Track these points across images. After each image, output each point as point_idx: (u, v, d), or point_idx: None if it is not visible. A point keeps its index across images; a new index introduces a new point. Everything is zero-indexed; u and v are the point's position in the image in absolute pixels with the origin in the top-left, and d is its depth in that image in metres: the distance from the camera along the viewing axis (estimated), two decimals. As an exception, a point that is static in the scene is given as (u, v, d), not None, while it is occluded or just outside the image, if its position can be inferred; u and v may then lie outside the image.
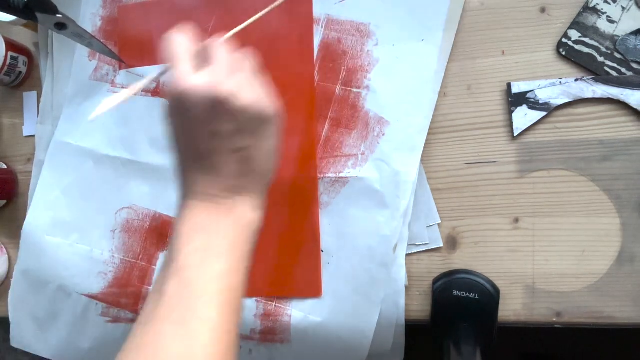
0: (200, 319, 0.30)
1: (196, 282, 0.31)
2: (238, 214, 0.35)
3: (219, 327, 0.31)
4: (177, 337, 0.29)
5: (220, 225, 0.34)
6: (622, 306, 0.46)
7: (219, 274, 0.32)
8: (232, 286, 0.33)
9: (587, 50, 0.47)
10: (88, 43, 0.51)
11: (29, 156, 0.61)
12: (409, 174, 0.48)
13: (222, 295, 0.32)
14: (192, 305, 0.30)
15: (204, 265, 0.32)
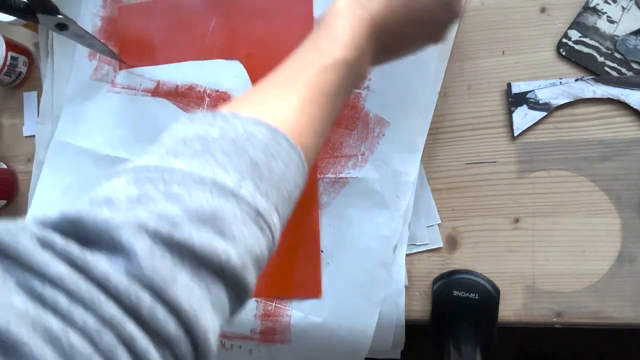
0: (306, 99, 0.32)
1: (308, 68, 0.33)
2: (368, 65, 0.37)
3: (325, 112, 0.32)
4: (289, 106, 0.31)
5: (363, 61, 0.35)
6: (622, 306, 0.46)
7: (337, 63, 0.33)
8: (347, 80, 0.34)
9: (587, 50, 0.47)
10: (89, 43, 0.51)
11: (29, 156, 0.61)
12: (408, 175, 0.48)
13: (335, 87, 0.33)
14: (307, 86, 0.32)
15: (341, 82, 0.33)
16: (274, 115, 0.30)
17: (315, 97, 0.32)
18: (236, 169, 0.26)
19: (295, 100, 0.31)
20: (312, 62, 0.33)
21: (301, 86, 0.32)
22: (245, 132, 0.27)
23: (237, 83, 0.53)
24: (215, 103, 0.53)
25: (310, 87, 0.32)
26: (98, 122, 0.57)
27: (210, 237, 0.23)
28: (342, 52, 0.33)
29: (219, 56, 0.54)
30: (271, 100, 0.31)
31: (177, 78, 0.55)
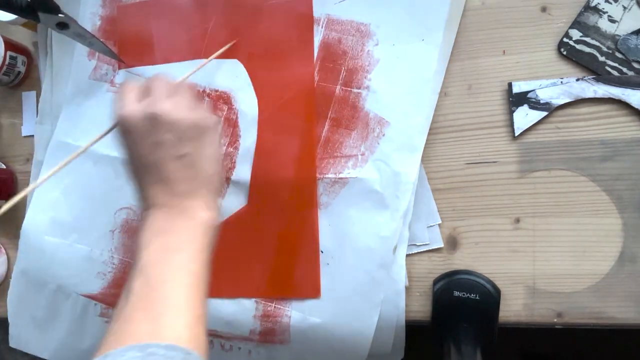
0: (165, 300, 0.33)
1: (159, 274, 0.34)
2: (191, 214, 0.38)
3: (184, 305, 0.34)
4: (145, 319, 0.32)
5: (176, 226, 0.38)
6: (623, 307, 0.46)
7: (179, 264, 0.35)
8: (193, 272, 0.36)
9: (588, 49, 0.47)
10: (89, 43, 0.51)
11: (27, 156, 0.61)
12: (409, 175, 0.48)
13: (185, 279, 0.35)
14: (158, 293, 0.33)
15: (165, 260, 0.35)
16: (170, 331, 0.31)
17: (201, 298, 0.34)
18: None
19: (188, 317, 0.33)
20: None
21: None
22: None
23: (237, 83, 0.53)
24: (215, 103, 0.53)
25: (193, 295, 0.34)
26: (97, 121, 0.56)
27: None
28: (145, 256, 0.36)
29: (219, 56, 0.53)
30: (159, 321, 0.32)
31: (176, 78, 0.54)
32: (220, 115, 0.53)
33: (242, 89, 0.53)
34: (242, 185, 0.52)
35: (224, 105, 0.53)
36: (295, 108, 0.51)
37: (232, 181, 0.52)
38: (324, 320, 0.50)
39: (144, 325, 0.31)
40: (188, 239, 0.37)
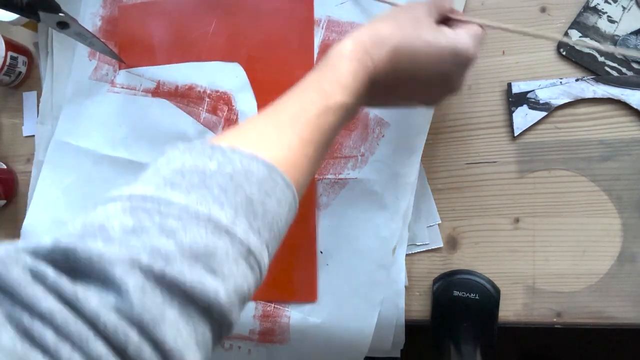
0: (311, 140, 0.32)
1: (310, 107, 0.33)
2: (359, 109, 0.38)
3: (321, 152, 0.33)
4: (286, 143, 0.31)
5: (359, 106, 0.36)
6: (622, 306, 0.46)
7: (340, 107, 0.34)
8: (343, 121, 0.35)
9: (587, 50, 0.47)
10: (89, 42, 0.51)
11: (28, 156, 0.61)
12: (408, 176, 0.48)
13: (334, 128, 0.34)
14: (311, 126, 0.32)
15: (339, 125, 0.34)
16: (272, 152, 0.30)
17: (313, 138, 0.32)
18: (231, 206, 0.26)
19: (295, 140, 0.31)
20: (315, 103, 0.33)
21: (302, 126, 0.32)
22: (242, 168, 0.28)
23: (237, 83, 0.53)
24: (215, 103, 0.53)
25: (310, 128, 0.32)
26: (98, 122, 0.57)
27: (201, 274, 0.24)
28: (344, 96, 0.34)
29: (219, 58, 0.54)
30: (271, 136, 0.31)
31: (177, 78, 0.54)
32: (221, 116, 0.53)
33: (242, 90, 0.53)
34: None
35: (224, 106, 0.53)
36: None
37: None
38: (323, 320, 0.50)
39: (278, 149, 0.31)
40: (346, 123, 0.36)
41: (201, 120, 0.54)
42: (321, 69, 0.35)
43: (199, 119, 0.54)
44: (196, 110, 0.54)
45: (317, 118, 0.32)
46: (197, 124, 0.54)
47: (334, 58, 0.35)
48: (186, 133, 0.54)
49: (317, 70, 0.35)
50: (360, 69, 0.35)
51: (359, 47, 0.35)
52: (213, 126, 0.53)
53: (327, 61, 0.35)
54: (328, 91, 0.34)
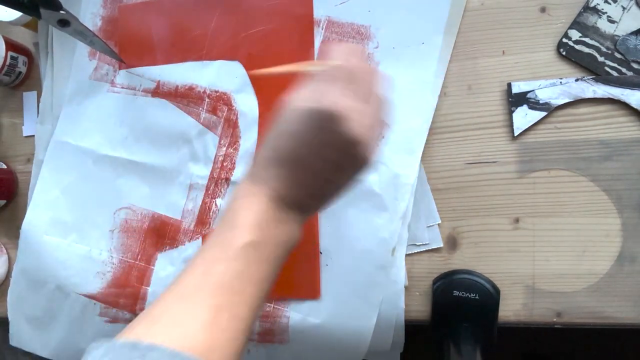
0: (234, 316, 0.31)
1: (243, 279, 0.32)
2: (291, 228, 0.35)
3: (245, 326, 0.32)
4: (209, 327, 0.30)
5: (279, 232, 0.34)
6: (622, 306, 0.46)
7: (262, 278, 0.33)
8: (265, 292, 0.34)
9: (587, 50, 0.47)
10: (90, 41, 0.51)
11: (28, 156, 0.61)
12: (408, 177, 0.48)
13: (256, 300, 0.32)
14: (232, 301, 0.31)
15: (254, 266, 0.33)
16: (183, 339, 0.29)
17: (226, 300, 0.31)
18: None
19: (205, 313, 0.30)
20: (217, 259, 0.32)
21: (208, 293, 0.31)
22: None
23: (237, 84, 0.53)
24: (215, 104, 0.53)
25: (218, 291, 0.31)
26: (97, 122, 0.57)
27: None
28: (242, 237, 0.32)
29: (219, 57, 0.54)
30: (180, 318, 0.30)
31: (177, 78, 0.54)
32: (220, 116, 0.53)
33: (242, 90, 0.53)
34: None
35: (224, 106, 0.53)
36: None
37: (232, 182, 0.52)
38: (322, 320, 0.50)
39: (203, 333, 0.29)
40: (279, 254, 0.34)
41: (201, 120, 0.54)
42: (221, 222, 0.34)
43: (199, 119, 0.54)
44: (196, 111, 0.54)
45: (223, 274, 0.31)
46: (197, 124, 0.54)
47: (231, 203, 0.35)
48: (186, 133, 0.54)
49: (218, 225, 0.34)
50: (255, 199, 0.34)
51: (245, 181, 0.35)
52: (213, 126, 0.53)
53: (227, 209, 0.35)
54: (225, 240, 0.32)
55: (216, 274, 0.31)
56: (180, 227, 0.54)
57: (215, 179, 0.53)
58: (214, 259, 0.32)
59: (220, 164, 0.53)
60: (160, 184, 0.55)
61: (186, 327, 0.29)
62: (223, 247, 0.33)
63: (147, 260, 0.55)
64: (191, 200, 0.54)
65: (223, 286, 0.31)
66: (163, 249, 0.54)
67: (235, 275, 0.32)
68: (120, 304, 0.55)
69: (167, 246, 0.54)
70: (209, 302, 0.30)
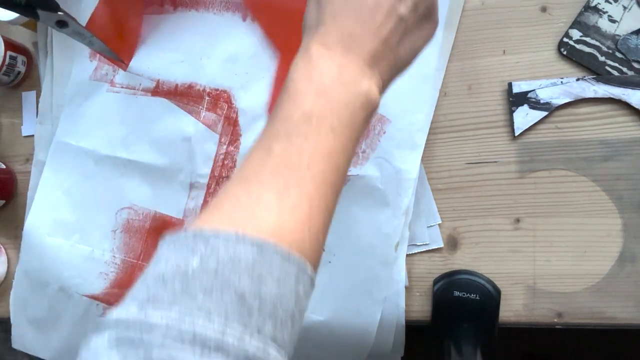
0: (301, 192, 0.28)
1: (305, 154, 0.29)
2: (364, 88, 0.32)
3: (318, 204, 0.29)
4: (275, 206, 0.28)
5: (341, 94, 0.31)
6: (623, 307, 0.46)
7: (330, 151, 0.30)
8: (338, 166, 0.30)
9: (588, 49, 0.47)
10: (88, 42, 0.51)
11: (27, 156, 0.61)
12: (410, 172, 0.48)
13: (327, 175, 0.30)
14: (297, 177, 0.28)
15: (317, 137, 0.30)
16: (248, 221, 0.27)
17: (290, 178, 0.28)
18: (220, 311, 0.23)
19: (269, 193, 0.28)
20: (276, 134, 0.30)
21: (270, 172, 0.28)
22: (228, 257, 0.25)
23: (237, 81, 0.53)
24: (215, 102, 0.53)
25: (280, 168, 0.29)
26: (98, 122, 0.56)
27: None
28: (301, 106, 0.30)
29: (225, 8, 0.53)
30: (243, 200, 0.28)
31: (176, 77, 0.54)
32: (221, 114, 0.53)
33: (242, 87, 0.53)
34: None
35: (224, 104, 0.53)
36: None
37: (233, 181, 0.52)
38: (326, 317, 0.50)
39: (272, 214, 0.27)
40: (349, 119, 0.31)
41: (201, 118, 0.53)
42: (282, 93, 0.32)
43: (199, 118, 0.53)
44: (196, 109, 0.54)
45: (284, 151, 0.29)
46: (197, 122, 0.53)
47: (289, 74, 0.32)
48: (186, 132, 0.54)
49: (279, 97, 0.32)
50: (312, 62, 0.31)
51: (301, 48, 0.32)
52: (213, 124, 0.53)
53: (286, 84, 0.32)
54: (288, 111, 0.30)
55: (277, 151, 0.29)
56: (182, 226, 0.54)
57: (217, 178, 0.53)
58: (273, 135, 0.30)
59: (221, 162, 0.53)
60: (162, 183, 0.54)
61: (250, 209, 0.27)
62: (283, 121, 0.30)
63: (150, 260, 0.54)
64: (193, 199, 0.53)
65: (286, 164, 0.29)
66: (163, 249, 0.54)
67: (297, 151, 0.29)
68: (121, 304, 0.55)
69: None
70: (271, 182, 0.28)
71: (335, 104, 0.31)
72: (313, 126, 0.30)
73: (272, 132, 0.30)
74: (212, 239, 0.25)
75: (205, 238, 0.25)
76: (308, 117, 0.30)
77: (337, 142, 0.30)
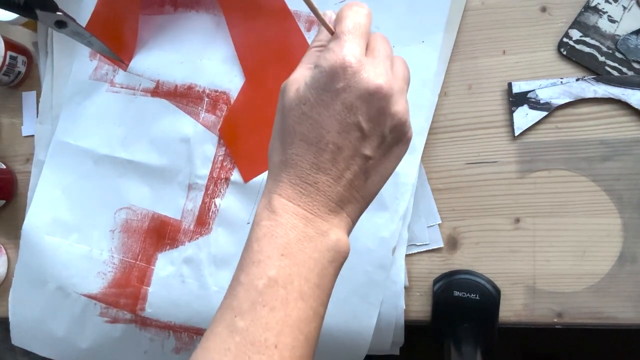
0: None
1: (272, 330, 0.27)
2: (332, 240, 0.30)
3: None
4: None
5: (308, 252, 0.29)
6: (623, 307, 0.46)
7: (299, 321, 0.28)
8: (308, 336, 0.28)
9: (588, 49, 0.47)
10: (87, 42, 0.51)
11: (27, 156, 0.61)
12: (408, 176, 0.48)
13: (297, 350, 0.28)
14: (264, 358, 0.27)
15: (285, 307, 0.27)
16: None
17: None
18: None
19: None
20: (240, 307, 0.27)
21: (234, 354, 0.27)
22: None
23: (236, 83, 0.53)
24: (214, 103, 0.53)
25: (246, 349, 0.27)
26: (97, 121, 0.56)
27: None
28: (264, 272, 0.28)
29: None
30: None
31: (176, 78, 0.54)
32: (220, 116, 0.53)
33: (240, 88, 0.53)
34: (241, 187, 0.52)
35: (224, 105, 0.53)
36: None
37: (232, 182, 0.52)
38: (323, 320, 0.49)
39: None
40: (318, 280, 0.29)
41: (200, 119, 0.53)
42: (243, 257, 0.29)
43: (198, 119, 0.53)
44: (195, 110, 0.54)
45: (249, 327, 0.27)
46: (197, 123, 0.53)
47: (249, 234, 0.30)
48: (185, 133, 0.54)
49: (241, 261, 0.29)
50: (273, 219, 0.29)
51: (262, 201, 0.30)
52: (212, 126, 0.53)
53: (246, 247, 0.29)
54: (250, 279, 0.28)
55: (241, 329, 0.27)
56: (180, 227, 0.54)
57: (215, 179, 0.53)
58: (236, 307, 0.28)
59: (220, 163, 0.53)
60: (160, 184, 0.54)
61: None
62: (247, 290, 0.28)
63: (148, 260, 0.54)
64: (191, 201, 0.53)
65: (252, 343, 0.27)
66: (163, 249, 0.54)
67: (262, 327, 0.27)
68: (121, 304, 0.55)
69: (167, 246, 0.54)
70: None
71: (302, 264, 0.28)
72: (279, 295, 0.27)
73: (234, 303, 0.28)
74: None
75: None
76: (274, 285, 0.27)
77: (306, 309, 0.28)
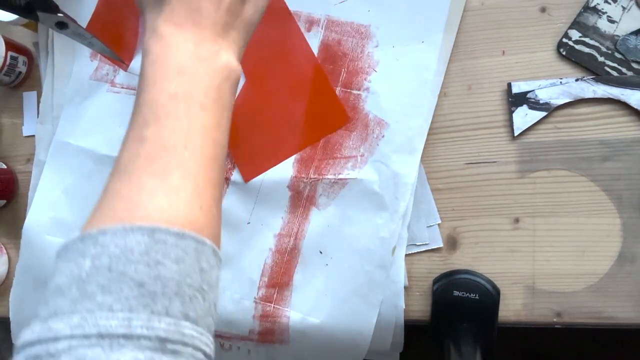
0: (183, 171, 0.28)
1: (179, 133, 0.29)
2: (223, 60, 0.32)
3: (203, 181, 0.29)
4: (159, 190, 0.27)
5: (203, 70, 0.31)
6: (622, 306, 0.46)
7: (204, 127, 0.30)
8: (216, 140, 0.30)
9: (587, 50, 0.47)
10: (88, 43, 0.51)
11: (28, 156, 0.61)
12: (408, 176, 0.48)
13: (206, 150, 0.29)
14: (176, 157, 0.28)
15: (188, 116, 0.29)
16: (148, 210, 0.26)
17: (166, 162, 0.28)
18: (122, 304, 0.23)
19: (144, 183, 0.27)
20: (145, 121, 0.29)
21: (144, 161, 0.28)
22: (119, 251, 0.24)
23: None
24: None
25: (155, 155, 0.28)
26: (98, 122, 0.57)
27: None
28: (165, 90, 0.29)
29: None
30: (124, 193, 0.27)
31: None
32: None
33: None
34: (241, 186, 0.52)
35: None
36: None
37: (232, 181, 0.52)
38: (322, 320, 0.50)
39: (157, 199, 0.27)
40: (216, 93, 0.31)
41: (201, 120, 0.54)
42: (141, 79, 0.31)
43: (199, 119, 0.54)
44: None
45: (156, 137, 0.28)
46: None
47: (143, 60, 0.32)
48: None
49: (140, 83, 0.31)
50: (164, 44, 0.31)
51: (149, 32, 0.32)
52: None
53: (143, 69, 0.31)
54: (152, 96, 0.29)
55: (149, 137, 0.28)
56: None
57: (216, 179, 0.53)
58: (142, 122, 0.29)
59: (220, 163, 0.53)
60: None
61: (133, 200, 0.27)
62: (149, 106, 0.29)
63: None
64: (191, 200, 0.54)
65: (162, 147, 0.28)
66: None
67: (170, 132, 0.28)
68: (121, 304, 0.55)
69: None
70: (150, 168, 0.28)
71: (198, 81, 0.30)
72: (182, 106, 0.29)
73: (140, 120, 0.30)
74: (100, 237, 0.25)
75: (93, 238, 0.25)
76: (174, 98, 0.29)
77: (209, 117, 0.30)
